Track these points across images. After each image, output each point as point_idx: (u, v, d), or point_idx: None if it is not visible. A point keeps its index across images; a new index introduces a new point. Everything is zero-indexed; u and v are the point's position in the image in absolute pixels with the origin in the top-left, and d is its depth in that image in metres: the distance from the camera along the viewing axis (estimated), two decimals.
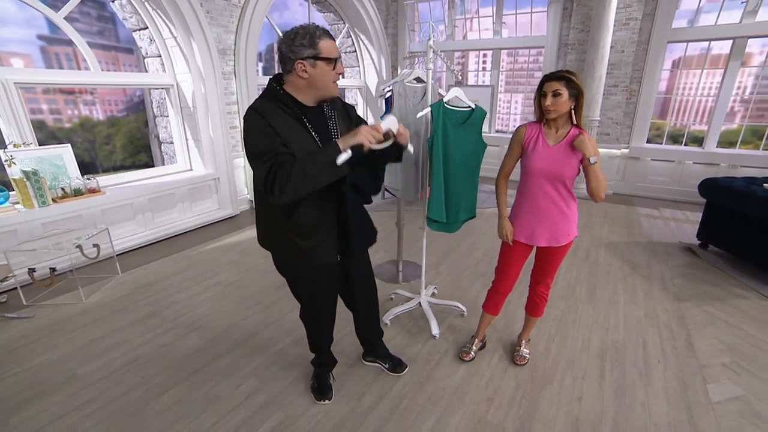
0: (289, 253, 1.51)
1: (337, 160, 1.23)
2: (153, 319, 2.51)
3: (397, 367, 2.02)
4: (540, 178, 1.70)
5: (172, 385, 1.96)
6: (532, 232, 1.78)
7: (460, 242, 3.75)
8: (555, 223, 1.74)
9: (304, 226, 1.41)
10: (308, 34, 1.25)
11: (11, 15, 3.32)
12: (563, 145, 1.65)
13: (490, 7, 6.18)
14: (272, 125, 1.27)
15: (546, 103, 1.60)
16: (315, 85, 1.32)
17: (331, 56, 1.29)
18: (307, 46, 1.26)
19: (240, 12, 4.28)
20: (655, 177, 5.47)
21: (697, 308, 2.65)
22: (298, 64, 1.27)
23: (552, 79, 1.58)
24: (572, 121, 1.65)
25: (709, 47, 5.09)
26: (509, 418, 1.76)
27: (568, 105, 1.59)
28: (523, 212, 1.80)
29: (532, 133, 1.72)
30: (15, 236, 2.84)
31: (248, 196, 4.83)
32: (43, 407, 1.81)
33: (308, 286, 1.63)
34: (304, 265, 1.54)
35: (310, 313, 1.75)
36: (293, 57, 1.27)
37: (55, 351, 2.20)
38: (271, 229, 1.51)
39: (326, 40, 1.28)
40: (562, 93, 1.57)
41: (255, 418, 1.75)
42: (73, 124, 4.66)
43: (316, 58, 1.27)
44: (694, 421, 1.74)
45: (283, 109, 1.32)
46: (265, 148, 1.27)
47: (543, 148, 1.69)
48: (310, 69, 1.28)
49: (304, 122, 1.35)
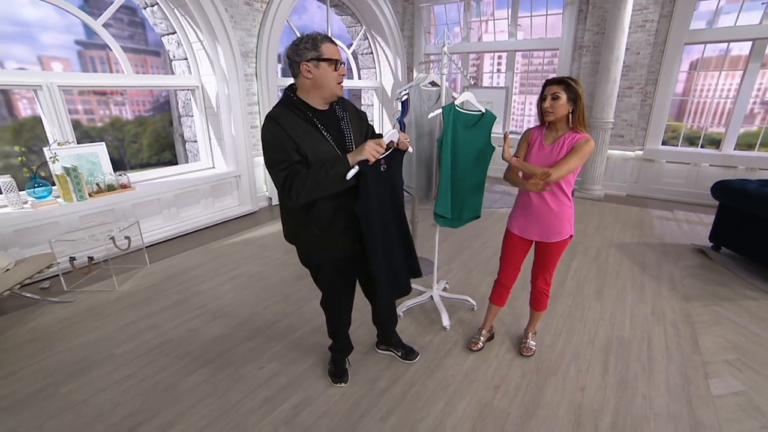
0: (311, 245, 1.66)
1: (347, 175, 1.38)
2: (181, 306, 2.69)
3: (410, 355, 2.15)
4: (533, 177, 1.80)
5: (201, 365, 2.12)
6: (525, 226, 1.92)
7: (472, 240, 3.85)
8: (546, 221, 1.85)
9: (322, 219, 1.54)
10: (311, 39, 1.40)
11: (53, 22, 3.59)
12: (556, 146, 1.75)
13: (506, 10, 6.24)
14: (286, 130, 1.39)
15: (545, 105, 1.71)
16: (320, 85, 1.43)
17: (332, 57, 1.41)
18: (310, 49, 1.39)
19: (262, 16, 4.46)
20: (670, 179, 5.46)
21: (705, 308, 2.70)
22: (303, 65, 1.40)
23: (552, 83, 1.70)
24: (569, 124, 1.75)
25: (728, 48, 5.04)
26: (514, 404, 1.86)
27: (566, 108, 1.70)
28: (518, 207, 1.94)
29: (535, 135, 1.85)
30: (57, 227, 3.08)
31: (267, 193, 5.02)
32: (87, 381, 2.00)
33: (329, 276, 1.75)
34: (325, 255, 1.67)
35: (330, 301, 1.87)
36: (298, 60, 1.40)
37: (94, 332, 2.40)
38: (293, 225, 1.65)
39: (327, 44, 1.41)
40: (560, 96, 1.68)
41: (277, 398, 1.90)
42: (105, 124, 4.94)
43: (318, 60, 1.40)
44: (693, 412, 1.81)
45: (296, 113, 1.44)
46: (281, 158, 1.40)
47: (538, 149, 1.81)
48: (314, 70, 1.41)
49: (315, 124, 1.46)
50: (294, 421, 1.76)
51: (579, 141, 1.70)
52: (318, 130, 1.47)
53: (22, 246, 2.95)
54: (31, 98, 3.25)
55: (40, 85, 3.09)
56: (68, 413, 1.80)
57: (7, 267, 2.47)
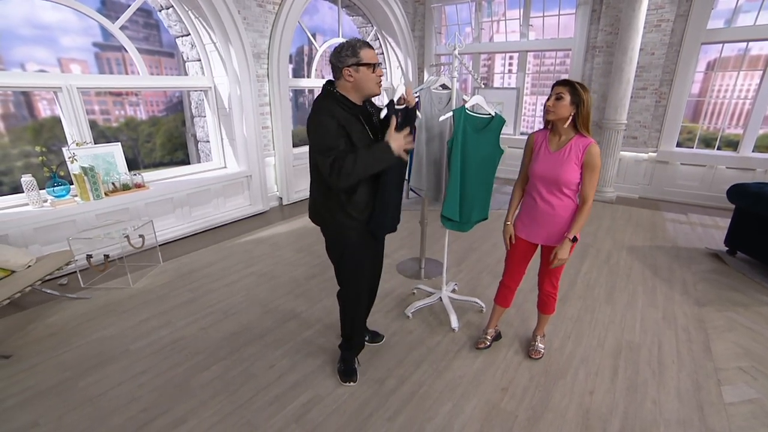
0: (348, 228, 1.74)
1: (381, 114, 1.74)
2: (193, 304, 2.75)
3: (375, 338, 2.31)
4: (538, 181, 1.84)
5: (213, 362, 2.17)
6: (531, 230, 1.93)
7: (481, 243, 3.84)
8: (551, 225, 1.86)
9: (360, 203, 1.70)
10: (351, 47, 1.56)
11: (72, 25, 3.67)
12: (563, 152, 1.76)
13: (517, 10, 6.19)
14: (338, 120, 1.55)
15: (548, 103, 1.73)
16: (360, 86, 1.61)
17: (370, 62, 1.58)
18: (351, 56, 1.55)
19: (274, 18, 4.51)
20: (685, 182, 5.36)
21: (719, 313, 2.66)
22: (345, 70, 1.57)
23: (559, 84, 1.72)
24: (576, 129, 1.75)
25: (747, 48, 4.91)
26: (522, 407, 1.87)
27: (567, 110, 1.70)
28: (526, 212, 1.95)
29: (539, 139, 1.86)
30: (74, 225, 3.16)
31: (277, 193, 5.08)
32: (104, 375, 2.06)
33: (358, 255, 1.81)
34: (358, 235, 1.76)
35: (352, 288, 1.90)
36: (340, 65, 1.57)
37: (110, 328, 2.47)
38: (331, 209, 1.73)
39: (366, 49, 1.57)
40: (564, 97, 1.69)
41: (287, 395, 1.94)
42: (120, 124, 5.04)
43: (358, 65, 1.56)
44: (705, 419, 1.80)
45: (342, 107, 1.60)
46: (332, 144, 1.55)
47: (544, 154, 1.82)
48: (354, 74, 1.58)
49: (358, 117, 1.64)
50: (303, 418, 1.79)
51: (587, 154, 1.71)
52: (360, 122, 1.65)
53: (42, 243, 3.04)
54: (51, 99, 3.34)
55: (60, 87, 3.17)
56: (87, 406, 1.86)
57: (29, 264, 2.54)
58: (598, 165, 1.72)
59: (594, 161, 1.71)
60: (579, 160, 1.73)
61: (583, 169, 1.75)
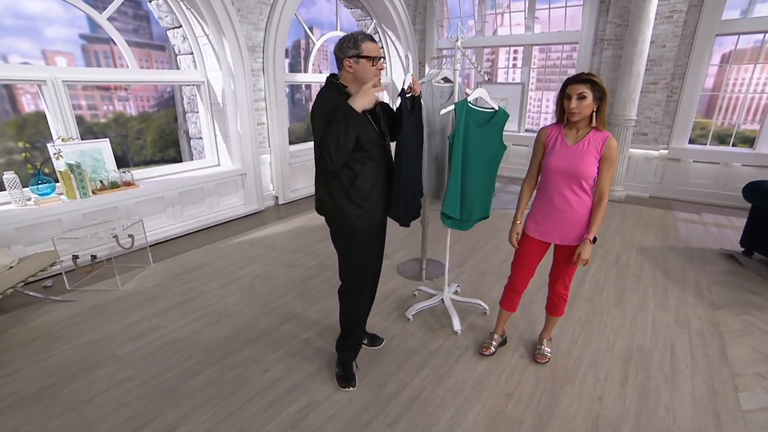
0: (354, 216, 1.72)
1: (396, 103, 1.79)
2: (185, 307, 2.64)
3: (375, 341, 2.24)
4: (556, 177, 1.75)
5: (205, 367, 2.07)
6: (545, 228, 1.84)
7: (484, 243, 3.76)
8: (567, 223, 1.78)
9: (363, 191, 1.69)
10: (353, 38, 1.58)
11: (57, 15, 3.53)
12: (581, 145, 1.69)
13: (522, 2, 6.01)
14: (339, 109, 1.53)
15: (571, 106, 1.63)
16: (359, 77, 1.62)
17: (371, 54, 1.58)
18: (352, 47, 1.58)
19: (270, 9, 4.38)
20: (698, 180, 5.19)
21: (735, 317, 2.57)
22: (345, 61, 1.59)
23: (576, 82, 1.62)
24: (592, 122, 1.69)
25: (765, 39, 4.71)
26: (528, 413, 1.79)
27: (591, 107, 1.64)
28: (539, 210, 1.86)
29: (553, 133, 1.78)
30: (59, 225, 3.04)
31: (273, 192, 4.97)
32: (90, 380, 1.96)
33: (363, 243, 1.78)
34: (362, 223, 1.74)
35: (357, 278, 1.84)
36: (342, 56, 1.60)
37: (97, 332, 2.36)
38: (335, 197, 1.71)
39: (368, 42, 1.59)
40: (587, 96, 1.61)
41: (282, 401, 1.85)
42: (108, 119, 4.89)
43: (358, 57, 1.58)
44: (721, 427, 1.72)
45: (344, 97, 1.59)
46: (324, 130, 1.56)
47: (561, 148, 1.73)
48: (354, 65, 1.60)
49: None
50: (299, 425, 1.71)
51: (607, 147, 1.66)
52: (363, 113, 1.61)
53: (25, 243, 2.91)
54: (35, 93, 3.21)
55: (45, 80, 3.04)
56: (71, 413, 1.77)
57: (11, 265, 2.43)
58: (616, 159, 1.67)
59: (613, 155, 1.66)
60: (598, 153, 1.66)
61: (601, 163, 1.68)
